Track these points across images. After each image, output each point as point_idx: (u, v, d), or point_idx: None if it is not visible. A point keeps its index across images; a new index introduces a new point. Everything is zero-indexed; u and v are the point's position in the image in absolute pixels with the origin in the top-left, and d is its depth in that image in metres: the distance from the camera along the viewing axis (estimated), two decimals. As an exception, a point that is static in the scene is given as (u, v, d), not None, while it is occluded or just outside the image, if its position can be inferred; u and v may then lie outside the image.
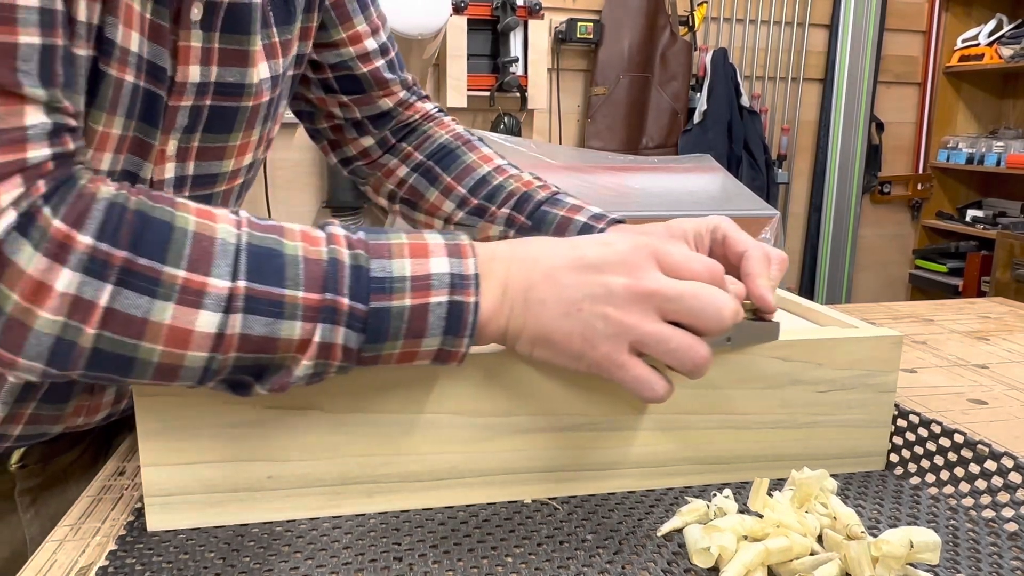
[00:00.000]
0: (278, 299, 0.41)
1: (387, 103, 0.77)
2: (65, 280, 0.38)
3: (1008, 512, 0.50)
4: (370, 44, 0.73)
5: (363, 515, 0.49)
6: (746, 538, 0.45)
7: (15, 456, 0.61)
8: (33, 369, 0.40)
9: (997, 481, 0.52)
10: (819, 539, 0.45)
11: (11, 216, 0.37)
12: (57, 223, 0.38)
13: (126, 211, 0.40)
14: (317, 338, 0.42)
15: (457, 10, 2.73)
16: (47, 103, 0.40)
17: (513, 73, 2.82)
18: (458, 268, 0.44)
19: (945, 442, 0.56)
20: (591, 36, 2.94)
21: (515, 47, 2.85)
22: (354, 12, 0.71)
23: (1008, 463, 0.53)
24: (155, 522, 0.47)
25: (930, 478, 0.55)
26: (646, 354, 0.45)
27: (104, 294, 0.38)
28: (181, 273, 0.40)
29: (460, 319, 0.43)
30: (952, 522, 0.50)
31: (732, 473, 0.55)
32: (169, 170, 0.55)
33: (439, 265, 0.44)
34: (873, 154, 3.47)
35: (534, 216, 0.71)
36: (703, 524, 0.46)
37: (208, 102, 0.55)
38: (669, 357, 0.45)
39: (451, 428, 0.49)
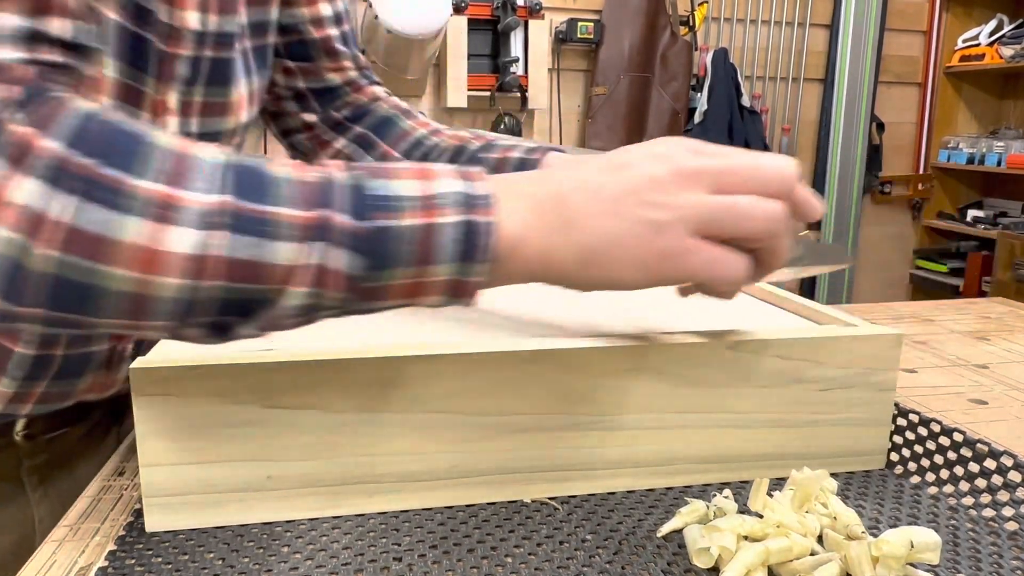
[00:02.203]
0: (264, 216, 0.36)
1: (335, 79, 0.74)
2: (25, 190, 0.33)
3: (1008, 511, 0.50)
4: (324, 9, 0.71)
5: (363, 515, 0.49)
6: (746, 538, 0.45)
7: (20, 424, 0.59)
8: None
9: (997, 480, 0.52)
10: (819, 539, 0.45)
11: None
12: (18, 126, 0.34)
13: (97, 121, 0.36)
14: (311, 260, 0.37)
15: (457, 10, 2.73)
16: (33, 9, 0.37)
17: (513, 73, 2.83)
18: (471, 189, 0.39)
19: (945, 441, 0.56)
20: (591, 36, 2.94)
21: (515, 47, 2.86)
22: None
23: (1008, 462, 0.53)
24: (154, 523, 0.47)
25: (930, 477, 0.55)
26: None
27: (64, 208, 0.33)
28: (153, 185, 0.35)
29: (475, 242, 0.38)
30: (952, 522, 0.50)
31: (732, 472, 0.55)
32: (172, 125, 0.53)
33: (448, 185, 0.39)
34: (874, 154, 3.47)
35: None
36: (703, 524, 0.46)
37: (208, 53, 0.53)
38: (743, 223, 0.39)
39: (451, 428, 0.49)
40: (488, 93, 2.83)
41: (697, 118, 3.08)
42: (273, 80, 0.73)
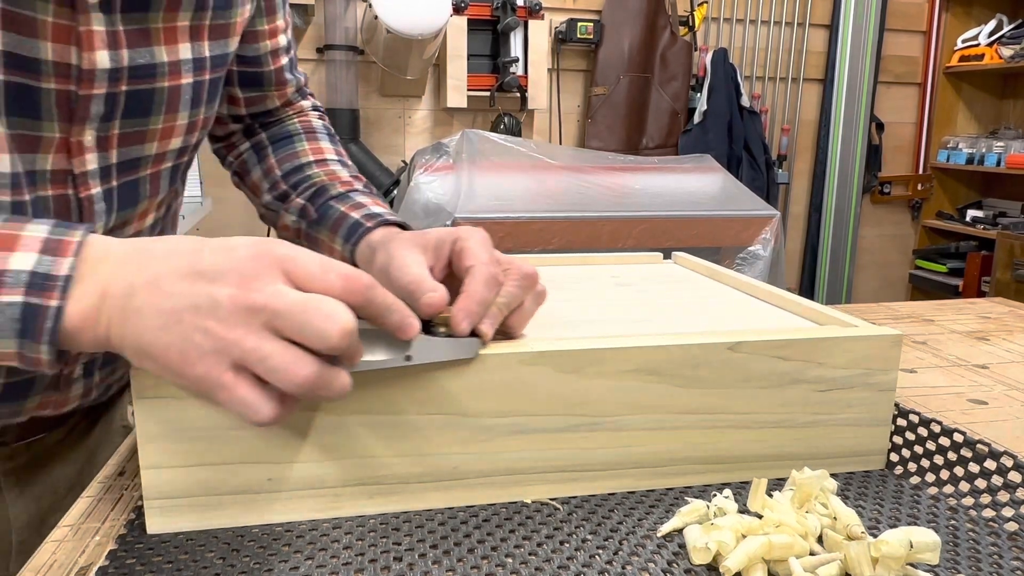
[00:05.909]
0: None
1: (275, 102, 0.75)
2: None
3: (1008, 512, 0.50)
4: (282, 40, 0.72)
5: (363, 515, 0.49)
6: (745, 537, 0.45)
7: None
8: None
9: (997, 480, 0.52)
10: (819, 539, 0.45)
11: None
12: None
13: None
14: None
15: (457, 10, 2.73)
16: None
17: (513, 73, 2.82)
18: (46, 267, 0.40)
19: (945, 441, 0.56)
20: (591, 36, 2.94)
21: (515, 47, 2.85)
22: (279, 5, 0.70)
23: (1008, 462, 0.53)
24: (155, 525, 0.47)
25: (930, 477, 0.55)
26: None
27: None
28: None
29: (35, 324, 0.39)
30: (952, 522, 0.50)
31: (732, 473, 0.55)
32: (91, 161, 0.53)
33: (22, 261, 0.40)
34: (873, 154, 3.48)
35: (320, 210, 0.68)
36: (702, 524, 0.46)
37: (124, 88, 0.53)
38: (271, 376, 0.39)
39: (451, 428, 0.49)
40: (488, 93, 2.83)
41: (697, 118, 3.08)
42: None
